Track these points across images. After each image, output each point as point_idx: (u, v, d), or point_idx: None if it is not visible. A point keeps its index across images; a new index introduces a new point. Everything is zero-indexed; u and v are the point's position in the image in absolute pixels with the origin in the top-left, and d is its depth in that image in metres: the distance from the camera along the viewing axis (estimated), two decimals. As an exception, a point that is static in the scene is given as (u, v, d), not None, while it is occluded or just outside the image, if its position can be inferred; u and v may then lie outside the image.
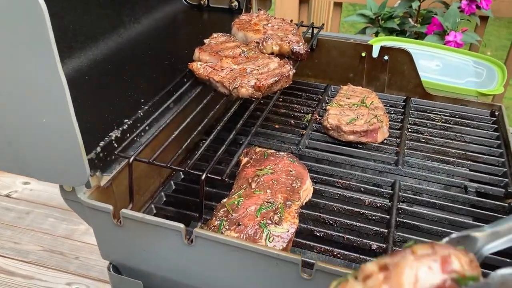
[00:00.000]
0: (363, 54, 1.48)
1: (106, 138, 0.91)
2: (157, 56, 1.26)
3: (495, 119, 1.36)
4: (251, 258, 0.76)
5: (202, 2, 1.57)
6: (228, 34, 1.23)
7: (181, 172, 1.14)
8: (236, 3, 1.53)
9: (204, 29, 1.35)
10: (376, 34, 2.40)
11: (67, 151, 0.74)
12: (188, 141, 0.91)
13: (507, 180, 1.13)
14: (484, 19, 2.50)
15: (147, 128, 0.98)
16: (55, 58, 0.64)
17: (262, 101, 1.17)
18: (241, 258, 0.77)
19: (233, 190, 1.03)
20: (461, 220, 1.02)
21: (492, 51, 5.01)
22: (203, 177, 0.80)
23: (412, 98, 1.45)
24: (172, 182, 1.11)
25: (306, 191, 1.04)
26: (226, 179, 0.81)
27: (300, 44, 1.17)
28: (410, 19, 2.47)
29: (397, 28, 2.41)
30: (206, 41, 1.18)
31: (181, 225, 0.78)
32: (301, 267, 0.74)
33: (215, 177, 0.81)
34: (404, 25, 2.45)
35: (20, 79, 0.69)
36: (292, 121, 1.34)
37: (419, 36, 2.35)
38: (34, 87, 0.69)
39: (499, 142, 1.27)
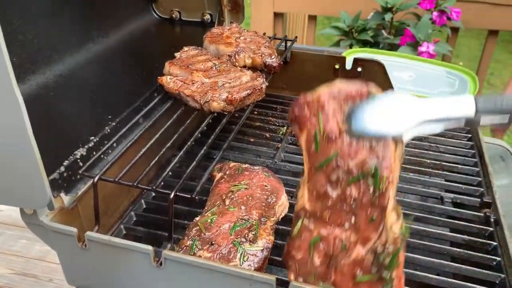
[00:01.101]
0: (337, 67, 1.48)
1: (71, 157, 0.87)
2: (127, 71, 1.22)
3: (468, 128, 1.36)
4: (224, 280, 0.73)
5: (173, 15, 1.54)
6: (199, 48, 1.21)
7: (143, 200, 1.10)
8: (208, 16, 1.51)
9: (176, 43, 1.32)
10: (350, 46, 2.42)
11: (26, 172, 0.70)
12: (157, 158, 0.88)
13: (482, 189, 1.12)
14: (455, 30, 2.55)
15: (114, 145, 0.94)
16: (9, 74, 0.61)
17: (236, 114, 1.15)
18: (214, 280, 0.73)
19: (206, 208, 1.00)
20: (439, 231, 1.01)
21: (465, 62, 5.12)
22: (172, 196, 0.77)
23: (386, 109, 1.45)
24: (142, 201, 1.07)
25: (282, 206, 1.02)
26: (197, 197, 0.78)
27: (273, 57, 1.16)
28: (383, 31, 2.50)
29: (370, 40, 2.44)
30: (177, 54, 1.15)
31: (149, 247, 0.75)
32: (276, 287, 0.71)
33: (184, 195, 0.78)
34: (378, 37, 2.47)
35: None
36: (267, 134, 1.32)
37: (393, 47, 2.38)
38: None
39: (473, 151, 1.27)
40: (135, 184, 0.80)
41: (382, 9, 2.43)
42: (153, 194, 1.10)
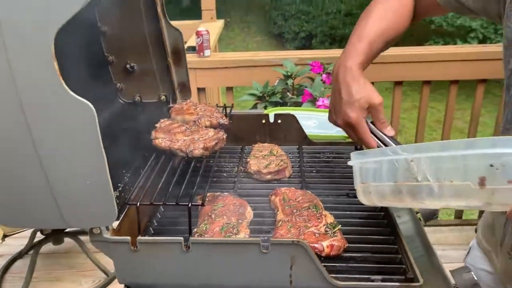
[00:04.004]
0: (264, 121, 2.06)
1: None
2: (118, 142, 1.68)
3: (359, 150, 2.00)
4: (230, 248, 1.21)
5: (136, 99, 2.04)
6: (171, 119, 1.72)
7: (154, 220, 1.55)
8: (163, 97, 2.02)
9: (144, 119, 1.81)
10: (265, 107, 3.07)
11: (104, 201, 1.14)
12: (170, 187, 1.36)
13: (371, 185, 1.73)
14: (340, 86, 3.31)
15: (135, 186, 1.40)
16: (100, 144, 1.07)
17: (198, 165, 1.66)
18: (224, 250, 1.21)
19: (198, 223, 1.47)
20: (349, 213, 1.57)
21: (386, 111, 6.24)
22: (190, 205, 1.25)
23: (303, 146, 2.05)
24: (150, 228, 1.51)
25: (249, 213, 1.53)
26: (205, 204, 1.27)
27: (224, 118, 1.71)
28: (288, 93, 3.19)
29: (280, 101, 3.11)
30: (157, 125, 1.65)
31: (181, 238, 1.21)
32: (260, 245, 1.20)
33: (197, 204, 1.27)
34: (285, 98, 3.16)
35: (73, 158, 1.09)
36: (224, 174, 1.83)
37: (297, 104, 3.07)
38: (83, 162, 1.10)
39: (363, 164, 1.89)
40: (164, 202, 1.27)
41: (284, 76, 3.14)
42: (159, 216, 1.54)
